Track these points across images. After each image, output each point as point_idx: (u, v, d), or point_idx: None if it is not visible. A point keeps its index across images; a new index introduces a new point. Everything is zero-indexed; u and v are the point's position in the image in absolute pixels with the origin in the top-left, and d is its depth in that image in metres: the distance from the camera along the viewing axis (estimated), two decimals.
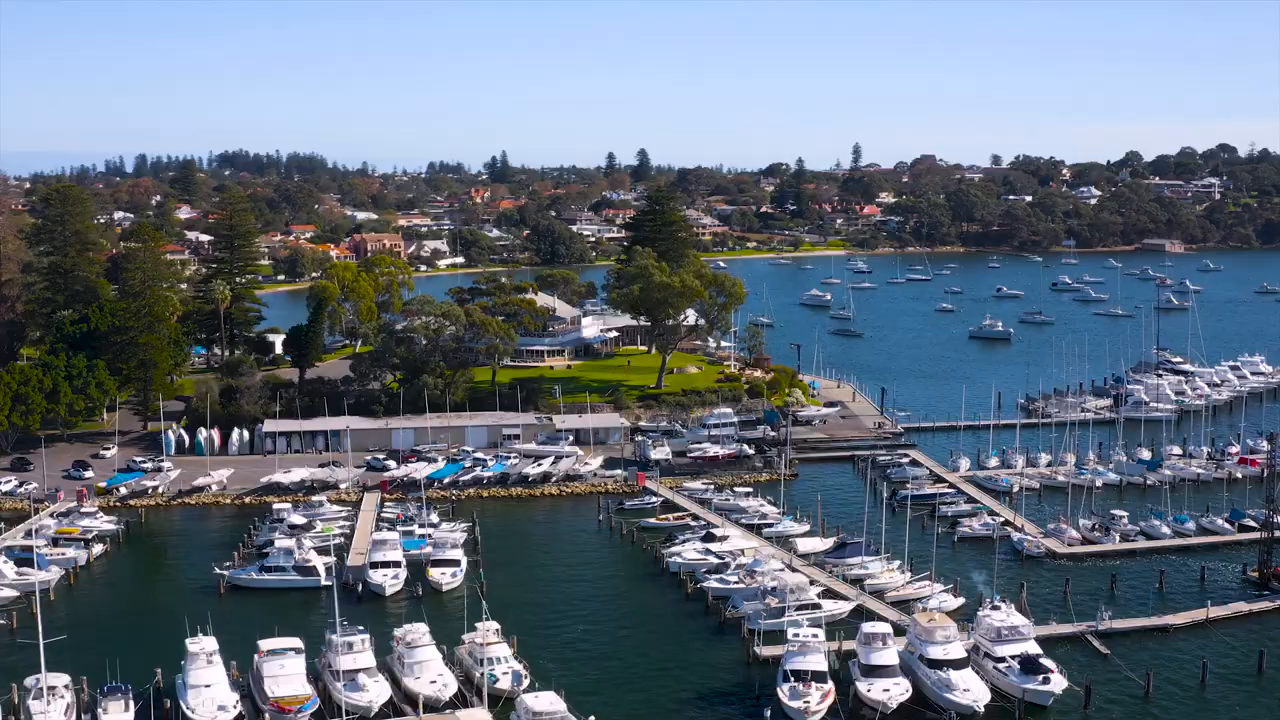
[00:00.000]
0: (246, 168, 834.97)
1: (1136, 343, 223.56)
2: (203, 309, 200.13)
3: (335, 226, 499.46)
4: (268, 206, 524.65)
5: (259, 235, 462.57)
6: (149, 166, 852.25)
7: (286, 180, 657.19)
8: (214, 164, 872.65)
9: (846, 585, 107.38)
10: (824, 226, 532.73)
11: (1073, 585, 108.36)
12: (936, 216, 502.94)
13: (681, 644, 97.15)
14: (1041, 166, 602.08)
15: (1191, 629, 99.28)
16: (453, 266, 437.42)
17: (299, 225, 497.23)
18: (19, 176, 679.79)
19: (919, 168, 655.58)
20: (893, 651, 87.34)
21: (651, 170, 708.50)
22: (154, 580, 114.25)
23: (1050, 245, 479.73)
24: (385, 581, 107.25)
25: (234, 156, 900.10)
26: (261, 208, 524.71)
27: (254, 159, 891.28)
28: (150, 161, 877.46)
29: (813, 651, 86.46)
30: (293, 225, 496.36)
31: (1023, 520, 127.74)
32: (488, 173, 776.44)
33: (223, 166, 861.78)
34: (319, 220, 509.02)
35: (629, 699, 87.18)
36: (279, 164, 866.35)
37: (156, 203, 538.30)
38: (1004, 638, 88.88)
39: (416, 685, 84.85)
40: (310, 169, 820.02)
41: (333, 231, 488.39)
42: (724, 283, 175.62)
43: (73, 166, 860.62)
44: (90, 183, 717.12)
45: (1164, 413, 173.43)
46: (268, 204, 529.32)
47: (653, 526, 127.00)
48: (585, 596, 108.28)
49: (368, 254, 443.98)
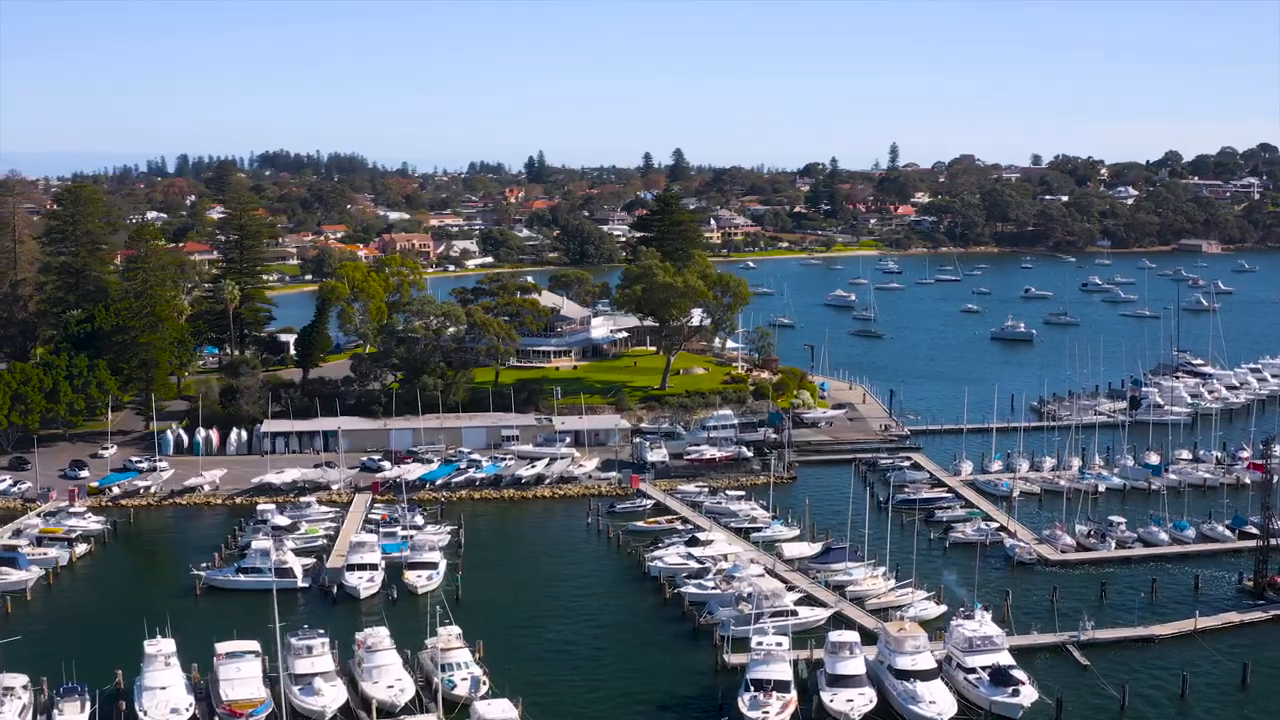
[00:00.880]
0: (287, 168, 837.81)
1: (1160, 344, 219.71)
2: (213, 309, 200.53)
3: (367, 226, 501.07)
4: (300, 207, 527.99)
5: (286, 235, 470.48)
6: (190, 167, 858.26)
7: (323, 180, 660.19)
8: (254, 164, 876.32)
9: (827, 591, 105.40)
10: (857, 227, 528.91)
11: (1062, 593, 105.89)
12: (970, 216, 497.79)
13: (653, 650, 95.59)
14: (1079, 166, 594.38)
15: (1178, 640, 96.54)
16: (481, 266, 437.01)
17: (331, 225, 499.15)
18: (62, 177, 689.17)
19: (956, 167, 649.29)
20: (860, 661, 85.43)
21: (691, 170, 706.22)
22: (133, 581, 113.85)
23: (1085, 246, 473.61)
24: (360, 584, 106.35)
25: (274, 157, 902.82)
26: (294, 208, 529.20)
27: (294, 159, 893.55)
28: (192, 162, 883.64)
29: (776, 660, 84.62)
30: (324, 225, 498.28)
31: (1016, 526, 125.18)
32: (526, 173, 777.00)
33: (263, 167, 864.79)
34: (350, 220, 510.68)
35: (590, 707, 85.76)
36: (319, 164, 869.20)
37: (191, 203, 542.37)
38: (976, 648, 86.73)
39: (373, 690, 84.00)
40: (350, 169, 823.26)
41: (364, 231, 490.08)
42: (729, 283, 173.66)
43: (115, 166, 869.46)
44: (132, 183, 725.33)
45: (1178, 416, 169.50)
46: (301, 204, 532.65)
47: (640, 530, 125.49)
48: (563, 600, 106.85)
49: (396, 253, 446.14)
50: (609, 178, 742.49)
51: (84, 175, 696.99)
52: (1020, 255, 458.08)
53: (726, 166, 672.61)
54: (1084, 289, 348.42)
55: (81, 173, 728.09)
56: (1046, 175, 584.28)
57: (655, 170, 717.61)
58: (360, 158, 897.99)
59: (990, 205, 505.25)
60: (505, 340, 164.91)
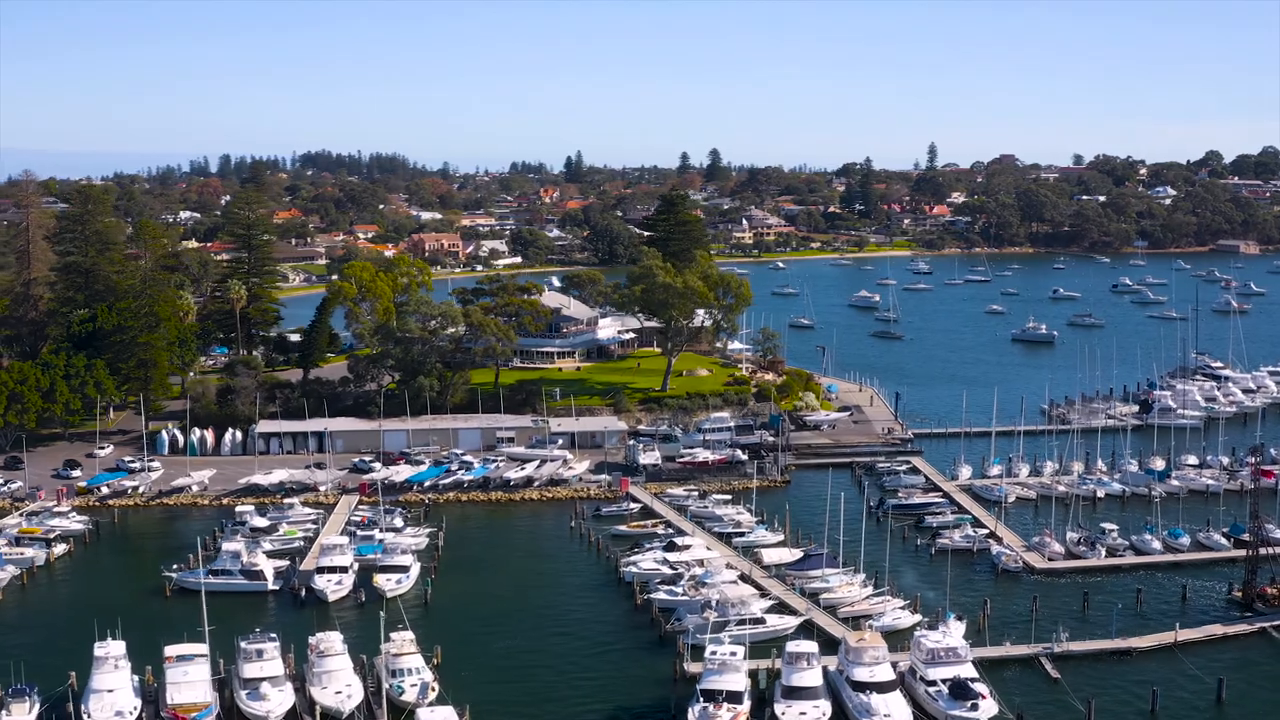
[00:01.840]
0: (328, 168, 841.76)
1: (1182, 346, 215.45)
2: (223, 309, 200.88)
3: (399, 226, 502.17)
4: (334, 207, 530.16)
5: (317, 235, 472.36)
6: (232, 167, 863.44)
7: (364, 180, 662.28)
8: (296, 164, 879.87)
9: (800, 599, 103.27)
10: (890, 227, 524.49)
11: (1044, 602, 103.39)
12: (1004, 217, 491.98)
13: (616, 658, 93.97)
14: (1117, 166, 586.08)
15: (1156, 653, 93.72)
16: (510, 266, 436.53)
17: (363, 225, 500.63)
18: (105, 177, 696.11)
19: (994, 168, 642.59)
20: (817, 672, 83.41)
21: (732, 170, 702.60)
22: (106, 582, 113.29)
23: (1121, 246, 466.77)
24: (328, 587, 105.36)
25: (316, 157, 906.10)
26: (327, 208, 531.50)
27: (336, 159, 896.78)
28: (234, 162, 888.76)
29: (731, 670, 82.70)
30: (356, 225, 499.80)
31: (1005, 532, 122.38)
32: (565, 173, 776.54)
33: (305, 166, 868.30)
34: (382, 220, 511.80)
35: (540, 716, 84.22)
36: (359, 164, 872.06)
37: (225, 202, 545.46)
38: (938, 660, 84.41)
39: (320, 695, 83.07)
40: (391, 169, 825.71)
41: (395, 231, 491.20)
42: (730, 284, 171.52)
43: (159, 166, 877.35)
44: (174, 183, 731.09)
45: (1189, 420, 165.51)
46: (334, 204, 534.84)
47: (623, 534, 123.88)
48: (533, 605, 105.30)
49: (425, 254, 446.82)
50: (648, 178, 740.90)
51: (125, 175, 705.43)
52: (1054, 256, 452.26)
53: (761, 166, 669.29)
54: (1114, 290, 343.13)
55: (122, 172, 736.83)
56: (1084, 175, 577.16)
57: (692, 170, 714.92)
58: (401, 158, 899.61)
59: (1025, 205, 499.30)
60: (503, 341, 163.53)
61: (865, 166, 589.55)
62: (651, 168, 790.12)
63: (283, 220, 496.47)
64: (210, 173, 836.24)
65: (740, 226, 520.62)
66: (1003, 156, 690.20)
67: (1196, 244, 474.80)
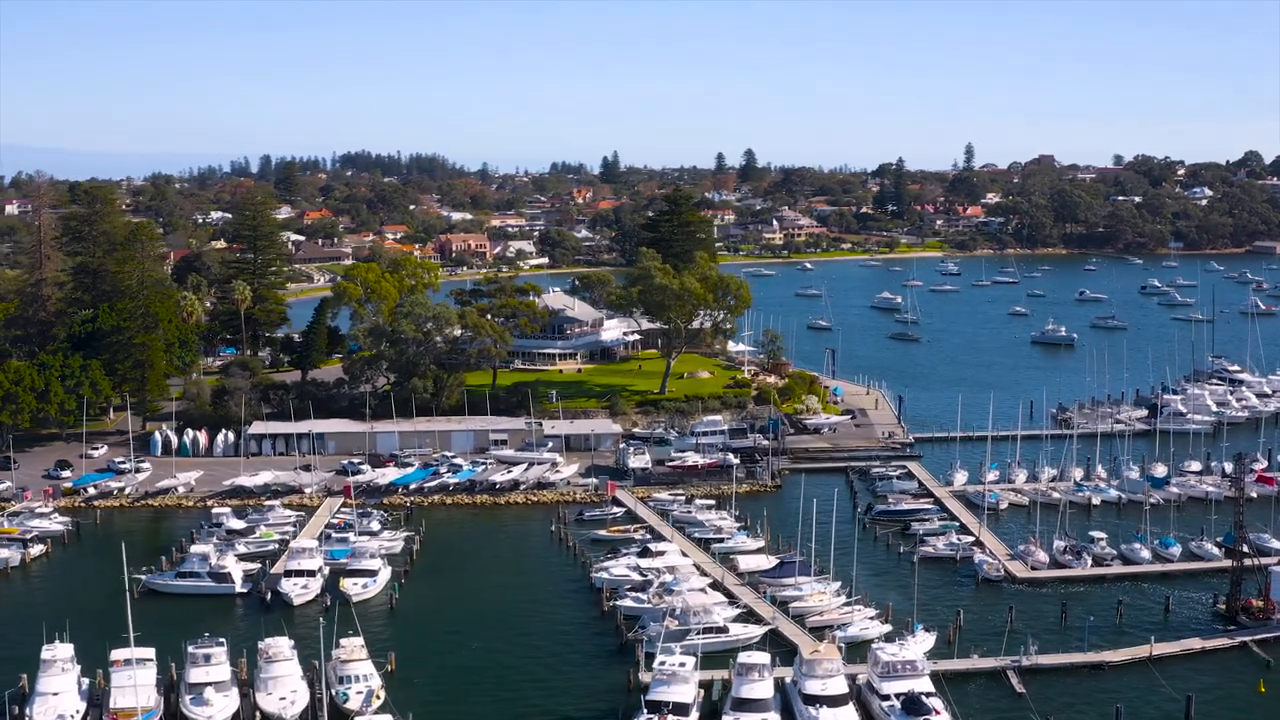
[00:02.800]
0: (368, 168, 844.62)
1: (1203, 349, 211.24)
2: (230, 309, 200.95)
3: (429, 227, 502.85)
4: (365, 207, 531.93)
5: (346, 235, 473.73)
6: (273, 168, 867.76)
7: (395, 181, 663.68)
8: (336, 164, 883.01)
9: (771, 607, 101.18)
10: (923, 228, 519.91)
11: (1022, 613, 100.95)
12: (1038, 218, 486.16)
13: (575, 666, 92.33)
14: (1154, 167, 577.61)
15: (1129, 667, 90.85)
16: (536, 268, 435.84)
17: (393, 225, 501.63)
18: (148, 176, 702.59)
19: (1030, 168, 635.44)
20: (768, 684, 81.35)
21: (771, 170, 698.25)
22: (78, 583, 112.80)
23: (1156, 247, 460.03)
24: (294, 591, 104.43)
25: (355, 157, 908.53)
26: (359, 208, 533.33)
27: (375, 159, 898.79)
28: (275, 163, 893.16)
29: (679, 681, 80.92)
30: (386, 226, 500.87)
31: (991, 540, 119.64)
32: (601, 173, 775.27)
33: (345, 167, 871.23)
34: (412, 221, 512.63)
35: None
36: (399, 164, 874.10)
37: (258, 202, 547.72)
38: (894, 673, 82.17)
39: (264, 701, 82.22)
40: (430, 169, 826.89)
41: (425, 232, 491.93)
42: (730, 286, 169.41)
43: (200, 167, 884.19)
44: (214, 184, 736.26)
45: (1199, 425, 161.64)
46: (366, 205, 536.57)
47: (601, 539, 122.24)
48: (500, 611, 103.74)
49: (452, 255, 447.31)
50: (686, 178, 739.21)
51: (162, 175, 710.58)
52: (1087, 257, 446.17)
53: (796, 166, 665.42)
54: (1143, 291, 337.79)
55: (161, 172, 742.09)
56: (1120, 176, 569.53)
57: (727, 171, 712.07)
58: (441, 158, 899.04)
59: (1059, 206, 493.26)
60: (497, 342, 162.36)
61: (897, 166, 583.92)
62: (691, 168, 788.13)
63: (312, 220, 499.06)
64: (251, 173, 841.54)
65: (771, 227, 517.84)
66: (1041, 157, 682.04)
67: (1233, 245, 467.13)
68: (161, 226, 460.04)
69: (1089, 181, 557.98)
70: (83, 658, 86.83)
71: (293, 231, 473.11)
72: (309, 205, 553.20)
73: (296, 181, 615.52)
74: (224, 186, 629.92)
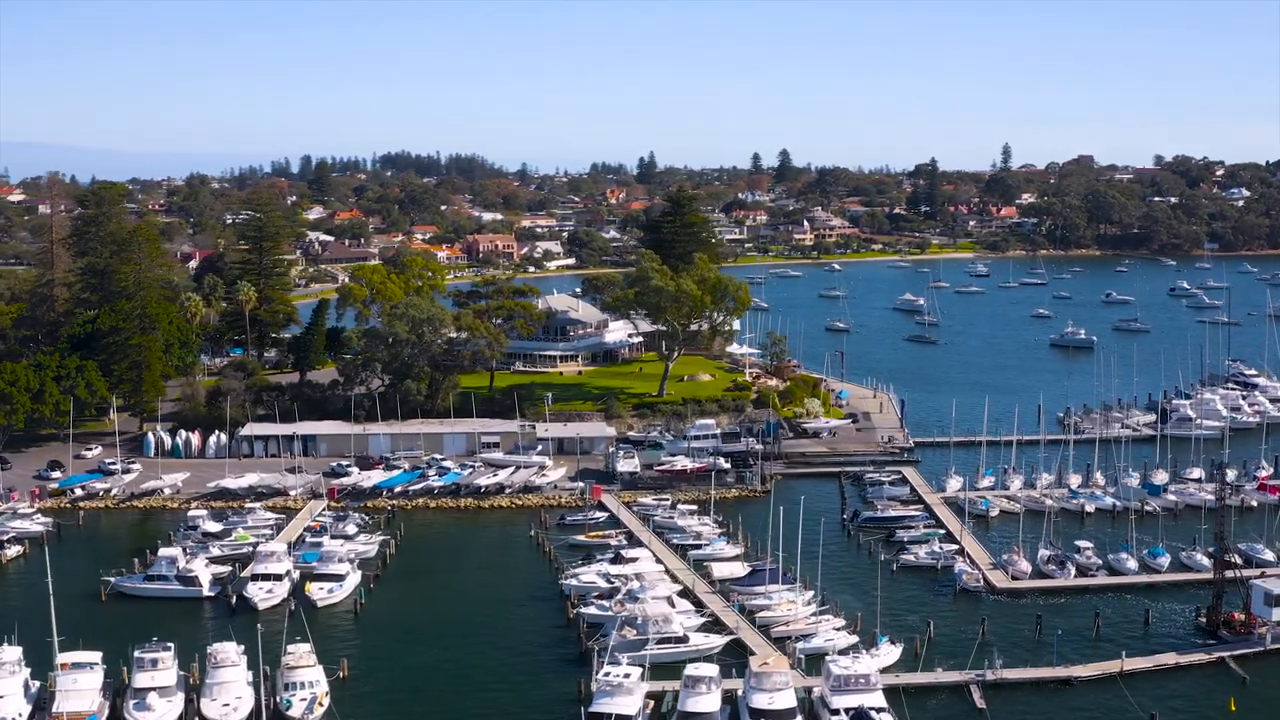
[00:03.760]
0: (407, 168, 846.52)
1: (1222, 352, 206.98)
2: (234, 311, 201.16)
3: (458, 227, 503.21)
4: (397, 208, 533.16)
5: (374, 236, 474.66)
6: (313, 168, 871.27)
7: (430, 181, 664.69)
8: (376, 165, 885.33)
9: (737, 616, 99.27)
10: (955, 229, 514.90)
11: (998, 624, 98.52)
12: (1071, 219, 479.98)
13: (527, 674, 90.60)
14: (1192, 167, 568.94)
15: (1098, 683, 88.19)
16: (563, 268, 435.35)
17: (423, 226, 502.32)
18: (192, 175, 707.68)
19: (1069, 168, 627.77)
20: (715, 697, 79.50)
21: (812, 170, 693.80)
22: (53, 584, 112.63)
23: (1191, 249, 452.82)
24: (258, 595, 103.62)
25: (395, 158, 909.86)
26: (390, 209, 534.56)
27: (415, 160, 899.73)
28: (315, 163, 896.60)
29: (624, 693, 79.26)
30: (416, 226, 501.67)
31: (974, 548, 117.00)
32: (637, 173, 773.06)
33: (384, 167, 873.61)
34: (442, 222, 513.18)
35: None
36: (438, 165, 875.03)
37: (292, 202, 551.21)
38: (845, 687, 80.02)
39: (207, 707, 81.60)
40: (469, 170, 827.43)
41: (454, 232, 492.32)
42: (728, 288, 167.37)
43: (241, 167, 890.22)
44: (251, 184, 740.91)
45: (1208, 431, 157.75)
46: (398, 205, 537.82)
47: (579, 544, 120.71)
48: (466, 616, 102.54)
49: (479, 255, 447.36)
50: (723, 179, 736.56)
51: (199, 175, 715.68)
52: (1120, 259, 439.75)
53: (830, 166, 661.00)
54: (1171, 294, 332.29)
55: (199, 173, 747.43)
56: (1157, 176, 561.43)
57: (763, 171, 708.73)
58: (480, 159, 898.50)
59: (1093, 207, 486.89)
60: (492, 344, 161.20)
61: (930, 166, 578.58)
62: (732, 168, 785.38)
63: (342, 221, 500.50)
64: (291, 173, 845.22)
65: (801, 228, 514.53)
66: (1080, 158, 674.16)
67: (1269, 246, 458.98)
68: (191, 227, 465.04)
69: (1125, 182, 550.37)
70: (36, 661, 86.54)
71: (322, 231, 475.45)
72: (341, 205, 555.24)
73: (330, 182, 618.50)
74: (258, 187, 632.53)
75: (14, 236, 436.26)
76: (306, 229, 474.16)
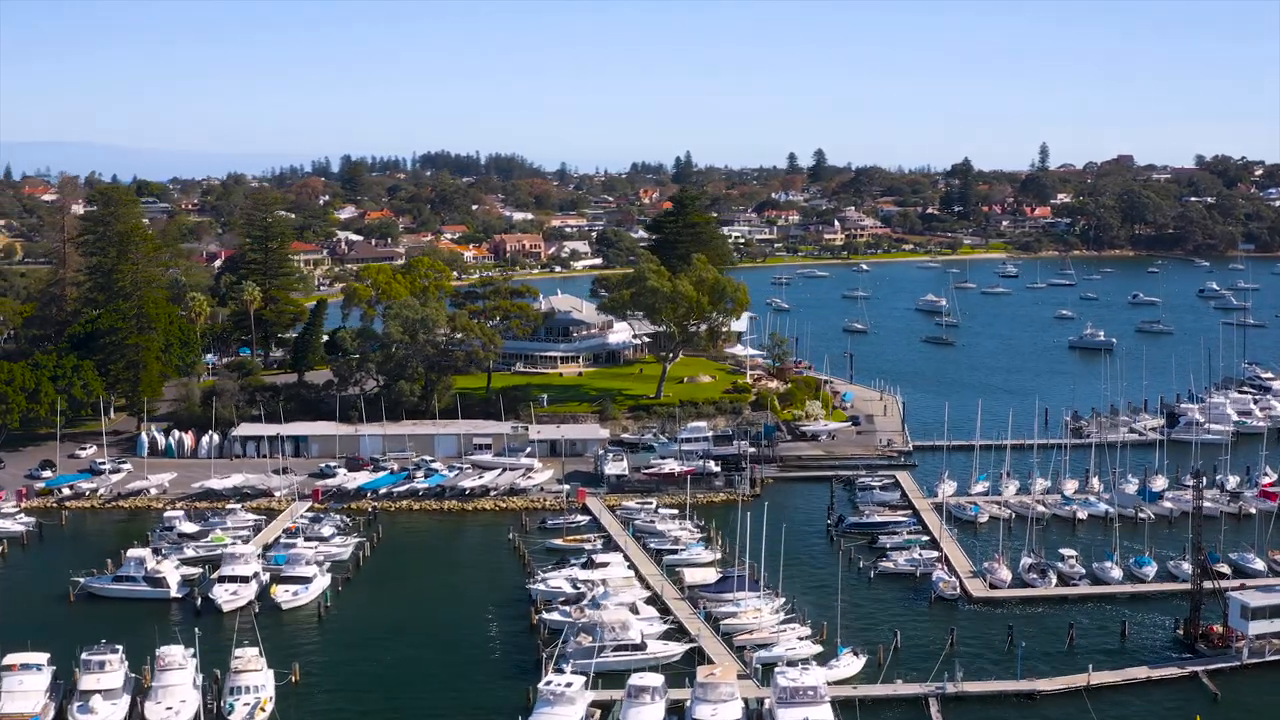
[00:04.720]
0: (447, 167, 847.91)
1: (1240, 354, 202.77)
2: (240, 310, 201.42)
3: (488, 227, 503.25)
4: (428, 207, 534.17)
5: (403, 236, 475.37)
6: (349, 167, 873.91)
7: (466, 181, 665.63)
8: (416, 164, 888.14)
9: (700, 624, 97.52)
10: (987, 229, 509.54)
11: (969, 635, 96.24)
12: (1105, 219, 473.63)
13: (479, 682, 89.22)
14: (1230, 167, 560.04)
15: (1063, 697, 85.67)
16: (589, 268, 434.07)
17: (452, 225, 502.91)
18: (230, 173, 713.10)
19: (1106, 168, 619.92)
20: (658, 708, 78.05)
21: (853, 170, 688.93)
22: (23, 584, 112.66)
23: (1226, 249, 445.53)
24: (223, 597, 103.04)
25: (435, 157, 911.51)
26: (420, 208, 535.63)
27: (454, 159, 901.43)
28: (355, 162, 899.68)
29: (564, 703, 77.86)
30: (446, 226, 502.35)
31: (954, 553, 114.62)
32: (674, 173, 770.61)
33: (424, 167, 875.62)
34: (471, 221, 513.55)
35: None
36: (477, 164, 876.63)
37: (324, 202, 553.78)
38: (792, 699, 78.17)
39: (151, 710, 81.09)
40: (508, 169, 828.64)
41: (484, 232, 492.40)
42: (727, 289, 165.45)
43: (281, 166, 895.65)
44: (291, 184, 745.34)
45: (1217, 436, 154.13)
46: (429, 205, 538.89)
47: (555, 548, 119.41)
48: (431, 621, 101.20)
49: (506, 255, 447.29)
50: (758, 178, 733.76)
51: (235, 174, 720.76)
52: (1153, 259, 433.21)
53: (865, 166, 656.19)
54: (1200, 295, 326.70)
55: (236, 172, 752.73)
56: (1195, 176, 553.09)
57: (798, 171, 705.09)
58: (519, 158, 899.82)
59: (1127, 207, 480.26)
60: (487, 345, 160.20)
61: (963, 165, 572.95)
62: (771, 167, 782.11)
63: (372, 220, 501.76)
64: (331, 173, 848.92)
65: (832, 228, 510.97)
66: (1120, 157, 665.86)
67: None
68: (220, 227, 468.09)
69: (1162, 182, 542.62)
70: None
71: (352, 231, 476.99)
72: (374, 205, 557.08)
73: (364, 181, 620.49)
74: (293, 186, 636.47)
75: (44, 235, 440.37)
76: (336, 228, 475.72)
